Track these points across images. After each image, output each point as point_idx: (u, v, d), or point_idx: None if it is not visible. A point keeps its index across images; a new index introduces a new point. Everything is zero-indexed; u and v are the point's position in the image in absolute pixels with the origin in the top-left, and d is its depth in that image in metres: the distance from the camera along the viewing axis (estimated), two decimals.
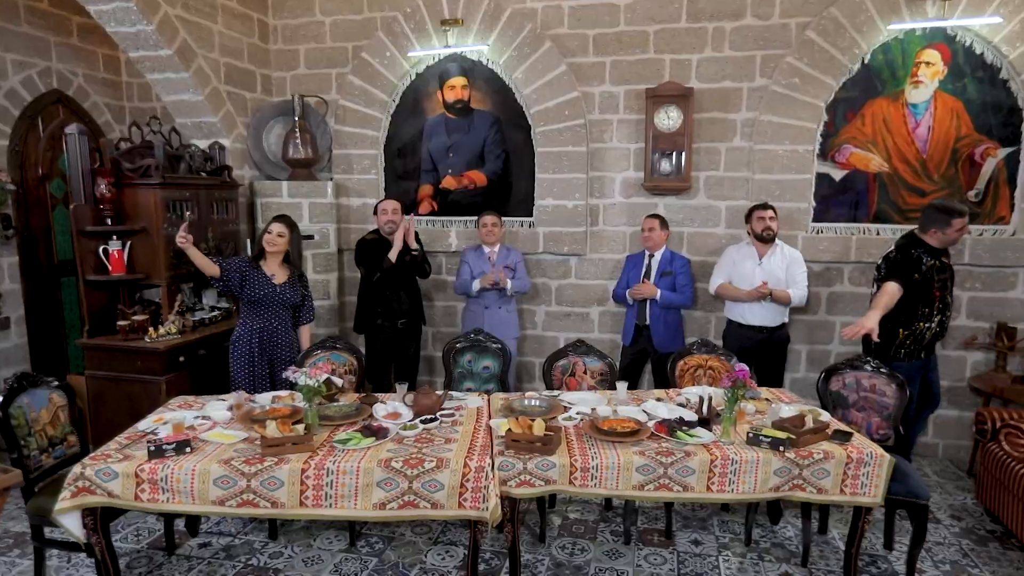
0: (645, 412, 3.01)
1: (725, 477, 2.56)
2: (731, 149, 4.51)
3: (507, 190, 4.90)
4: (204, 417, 2.89)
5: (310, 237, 4.78)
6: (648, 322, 4.30)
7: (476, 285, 4.35)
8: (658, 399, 3.24)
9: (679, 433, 2.71)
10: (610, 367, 3.67)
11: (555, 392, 3.38)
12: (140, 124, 3.99)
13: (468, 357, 3.85)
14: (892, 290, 3.47)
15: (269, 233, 3.50)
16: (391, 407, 3.03)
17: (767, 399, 3.28)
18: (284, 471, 2.45)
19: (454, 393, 3.35)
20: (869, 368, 3.27)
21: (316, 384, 2.72)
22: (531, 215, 4.86)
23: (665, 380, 4.36)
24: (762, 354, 4.12)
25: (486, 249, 4.49)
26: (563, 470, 2.53)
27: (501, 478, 2.52)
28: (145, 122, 4.00)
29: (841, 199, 4.40)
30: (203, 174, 4.20)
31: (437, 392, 3.08)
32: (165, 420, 2.83)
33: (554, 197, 4.76)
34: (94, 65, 5.04)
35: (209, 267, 3.41)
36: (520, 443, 2.60)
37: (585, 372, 3.68)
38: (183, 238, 3.31)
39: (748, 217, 4.13)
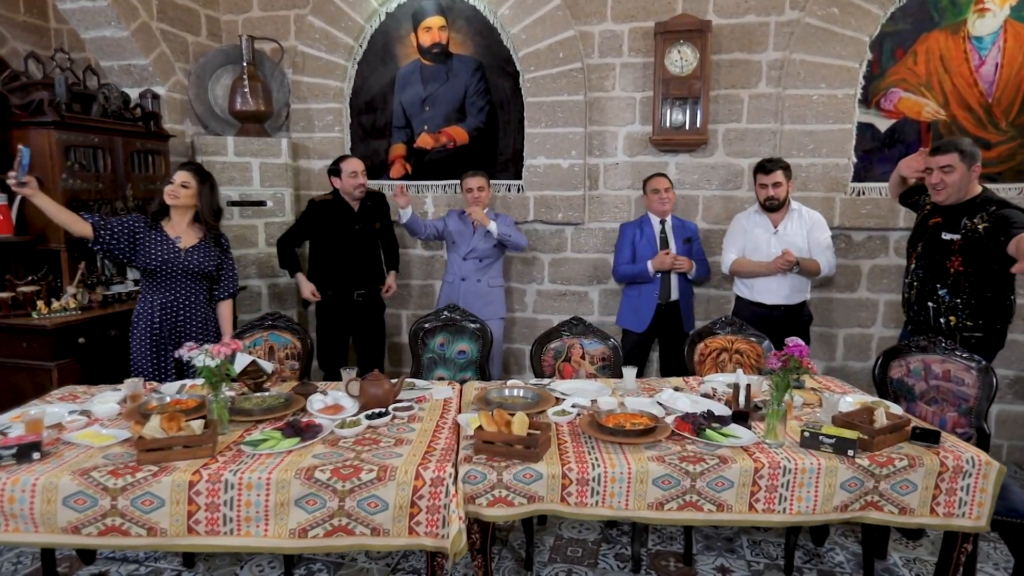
0: (661, 405, 2.33)
1: (774, 492, 1.88)
2: (756, 96, 3.82)
3: (492, 148, 4.21)
4: (83, 412, 2.20)
5: (261, 203, 4.09)
6: (676, 298, 3.63)
7: (405, 215, 3.65)
8: (676, 388, 2.55)
9: (709, 432, 2.02)
10: (614, 351, 2.98)
11: (545, 381, 2.69)
12: (41, 57, 3.28)
13: (440, 339, 3.16)
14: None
15: (171, 183, 2.81)
16: (332, 398, 2.34)
17: (814, 388, 2.60)
18: (164, 485, 1.76)
19: (417, 381, 2.66)
20: (942, 350, 2.58)
21: (219, 365, 2.02)
22: (520, 177, 4.17)
23: (677, 368, 3.69)
24: (779, 338, 3.27)
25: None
26: (553, 482, 1.85)
27: (468, 493, 1.83)
28: (51, 55, 3.29)
29: (887, 154, 3.71)
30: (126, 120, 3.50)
31: (392, 380, 2.39)
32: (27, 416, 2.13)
33: (546, 156, 4.07)
34: (12, 5, 4.34)
35: (76, 224, 2.68)
36: (494, 445, 1.92)
37: (583, 357, 2.99)
38: (15, 180, 2.46)
39: (754, 180, 3.44)
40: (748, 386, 2.16)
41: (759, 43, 3.76)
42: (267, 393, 2.40)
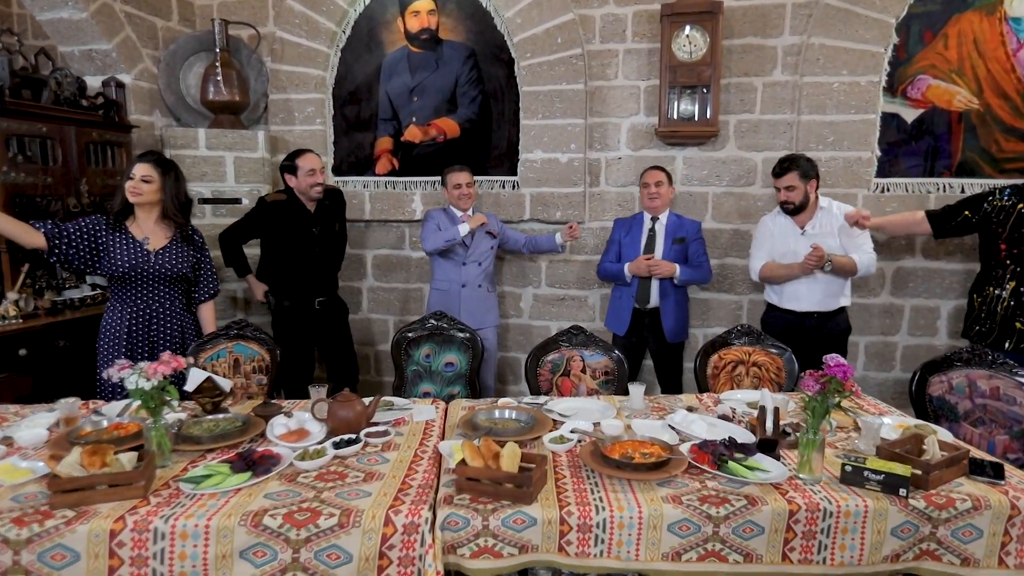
0: (673, 428, 2.03)
1: (812, 540, 1.58)
2: (771, 84, 3.53)
3: (485, 142, 3.91)
4: (3, 440, 1.89)
5: (236, 201, 3.79)
6: (656, 304, 3.31)
7: (464, 228, 3.35)
8: (689, 409, 2.25)
9: (732, 464, 1.72)
10: (618, 363, 2.68)
11: (540, 399, 2.39)
12: None
13: (425, 350, 2.86)
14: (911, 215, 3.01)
15: (131, 178, 2.50)
16: (296, 421, 2.04)
17: (846, 408, 2.30)
18: (80, 535, 1.46)
19: (397, 400, 2.36)
20: (988, 364, 2.29)
21: (157, 387, 1.72)
22: (515, 173, 3.87)
23: (673, 381, 3.41)
24: (813, 350, 2.91)
25: (458, 214, 3.50)
26: (549, 529, 1.55)
27: (448, 542, 1.53)
28: None
29: (914, 146, 3.42)
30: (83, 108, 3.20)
31: (366, 399, 2.09)
32: None
33: (544, 149, 3.77)
34: None
35: (26, 235, 2.38)
36: (480, 483, 1.62)
37: (583, 370, 2.69)
38: None
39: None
40: (776, 409, 1.86)
41: (774, 26, 3.47)
42: (223, 415, 2.10)
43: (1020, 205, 2.71)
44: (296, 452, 1.82)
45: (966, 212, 2.88)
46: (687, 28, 3.41)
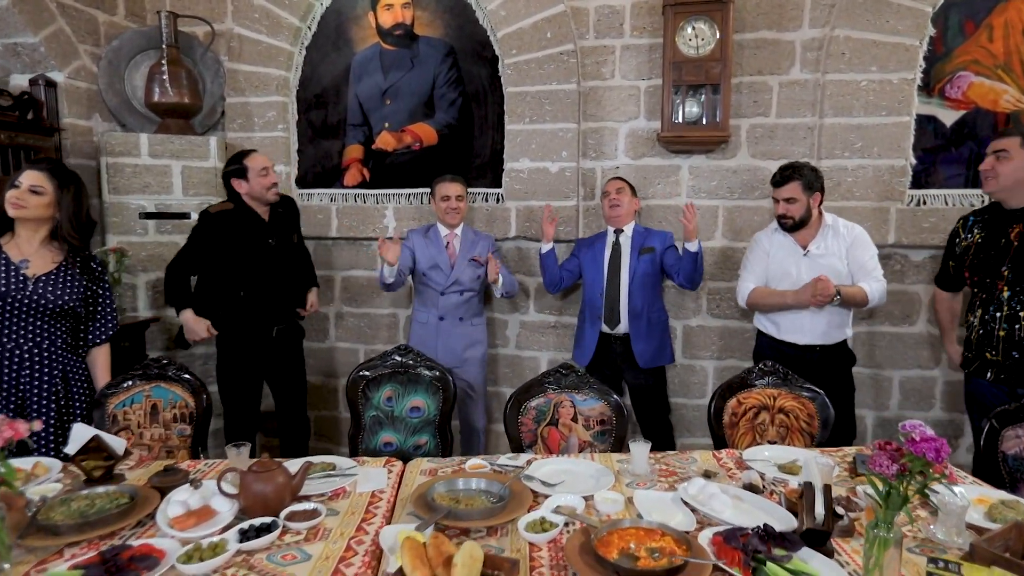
0: (687, 504, 1.57)
1: None
2: (788, 84, 3.11)
3: (466, 150, 3.48)
4: None
5: (184, 216, 3.34)
6: (625, 329, 2.94)
7: (389, 272, 2.84)
8: (707, 475, 1.78)
9: (771, 568, 1.26)
10: (616, 410, 2.22)
11: (520, 459, 1.92)
12: None
13: (387, 392, 2.40)
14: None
15: (15, 187, 2.05)
16: (201, 497, 1.57)
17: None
18: None
19: (340, 461, 1.89)
20: None
21: None
22: (499, 185, 3.44)
23: (655, 423, 3.01)
24: (815, 384, 2.33)
25: (443, 231, 3.07)
26: None
27: None
28: None
29: (954, 153, 2.99)
30: None
31: (291, 464, 1.63)
32: None
33: (531, 158, 3.34)
34: None
35: None
36: None
37: (575, 418, 2.23)
38: None
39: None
40: (828, 489, 1.40)
41: (792, 18, 3.06)
42: (112, 487, 1.63)
43: (995, 232, 2.37)
44: (190, 545, 1.35)
45: (950, 263, 2.58)
46: (693, 20, 3.00)
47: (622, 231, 3.00)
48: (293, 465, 1.68)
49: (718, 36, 2.99)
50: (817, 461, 1.44)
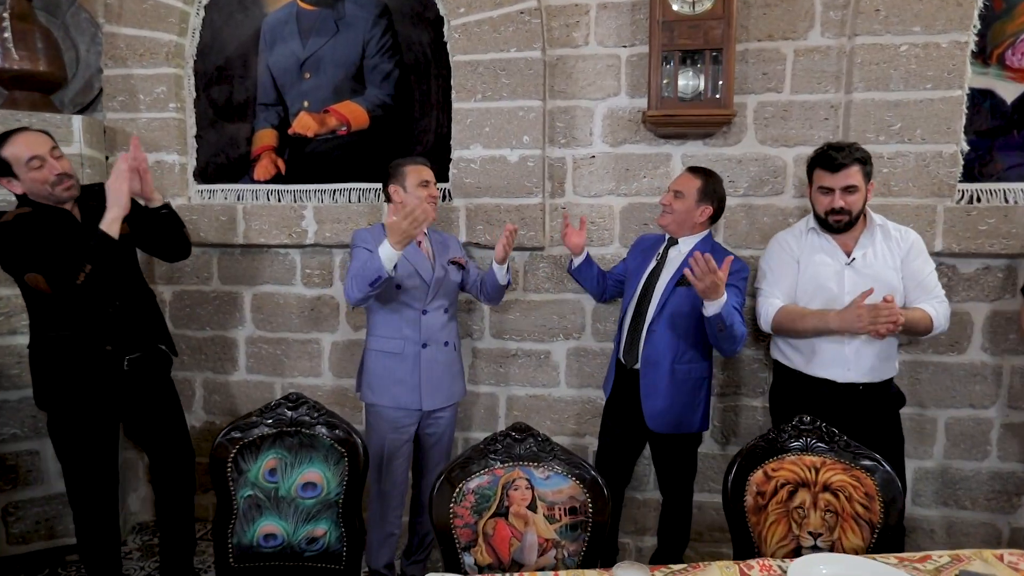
0: None
1: None
2: (806, 51, 2.48)
3: (404, 134, 2.79)
4: None
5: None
6: (637, 364, 2.22)
7: (389, 254, 2.02)
8: None
9: None
10: (593, 490, 1.53)
11: None
12: None
13: (268, 462, 1.69)
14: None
15: None
16: None
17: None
18: None
19: None
20: None
21: None
22: (445, 178, 2.75)
23: (674, 514, 2.34)
24: (853, 432, 1.71)
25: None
26: None
27: None
28: None
29: (1017, 138, 2.39)
30: None
31: None
32: None
33: (485, 144, 2.66)
34: None
35: None
36: None
37: (533, 506, 1.54)
38: None
39: (809, 178, 2.12)
40: None
41: None
42: None
43: None
44: None
45: None
46: None
47: (676, 242, 2.27)
48: None
49: None
50: None
